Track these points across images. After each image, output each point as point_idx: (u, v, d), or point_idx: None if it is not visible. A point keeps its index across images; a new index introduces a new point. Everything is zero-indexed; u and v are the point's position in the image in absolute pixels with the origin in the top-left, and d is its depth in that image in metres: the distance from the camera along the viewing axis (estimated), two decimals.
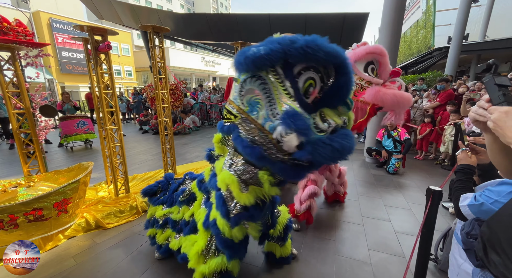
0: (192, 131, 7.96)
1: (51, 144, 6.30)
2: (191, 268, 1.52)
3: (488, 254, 0.68)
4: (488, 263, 0.68)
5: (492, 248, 0.67)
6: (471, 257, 0.84)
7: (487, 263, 0.68)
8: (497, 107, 0.66)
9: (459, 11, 8.56)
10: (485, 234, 0.71)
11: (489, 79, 0.73)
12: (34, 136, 2.62)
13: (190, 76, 25.65)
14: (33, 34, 2.79)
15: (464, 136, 1.36)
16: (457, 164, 1.33)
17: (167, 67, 4.06)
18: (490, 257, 0.67)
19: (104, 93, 2.58)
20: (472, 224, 0.92)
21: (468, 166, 1.26)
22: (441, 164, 4.43)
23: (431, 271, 1.84)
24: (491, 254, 0.67)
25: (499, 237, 0.65)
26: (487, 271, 0.72)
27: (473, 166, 1.27)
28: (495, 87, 0.70)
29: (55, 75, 16.72)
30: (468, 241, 0.89)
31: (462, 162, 1.31)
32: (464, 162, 1.29)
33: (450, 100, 4.56)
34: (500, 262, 0.64)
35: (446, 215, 2.68)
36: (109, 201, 2.75)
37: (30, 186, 2.35)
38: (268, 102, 0.96)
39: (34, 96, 2.88)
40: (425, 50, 12.63)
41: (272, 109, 0.95)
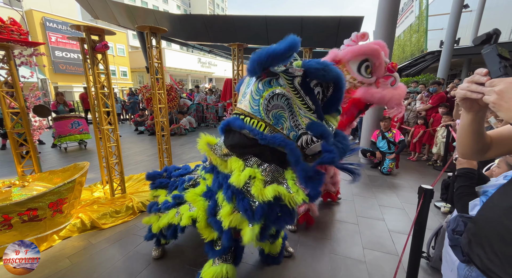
0: (188, 132, 7.94)
1: (44, 144, 6.20)
2: (189, 267, 1.52)
3: (473, 248, 0.69)
4: (473, 257, 0.69)
5: (478, 243, 0.69)
6: (457, 253, 0.85)
7: (473, 257, 0.69)
8: (503, 78, 0.59)
9: (450, 16, 8.78)
10: (471, 229, 0.73)
11: (490, 50, 0.65)
12: (28, 136, 2.60)
13: (186, 77, 25.55)
14: (27, 33, 2.77)
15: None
16: (458, 168, 1.29)
17: (164, 67, 4.05)
18: (475, 251, 0.69)
19: (100, 93, 2.57)
20: (457, 220, 0.94)
21: (470, 170, 1.23)
22: (433, 165, 4.53)
23: (423, 268, 1.88)
24: (476, 248, 0.69)
25: (484, 230, 0.67)
26: (473, 265, 0.73)
27: (475, 170, 1.24)
28: (497, 59, 0.63)
29: (48, 75, 16.46)
30: (454, 237, 0.89)
31: (463, 166, 1.26)
32: (465, 165, 1.25)
33: (442, 102, 4.68)
34: (485, 256, 0.65)
35: (438, 214, 2.75)
36: (105, 201, 2.73)
37: (24, 186, 2.32)
38: (290, 115, 1.14)
39: (28, 96, 2.86)
40: (418, 53, 12.88)
41: (295, 121, 1.14)
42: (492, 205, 0.69)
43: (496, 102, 0.58)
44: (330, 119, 1.21)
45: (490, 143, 0.79)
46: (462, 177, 1.22)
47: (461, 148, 0.83)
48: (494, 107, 0.59)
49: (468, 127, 0.75)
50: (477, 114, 0.71)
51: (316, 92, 1.16)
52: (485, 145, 0.78)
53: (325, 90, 1.19)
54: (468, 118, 0.73)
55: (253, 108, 1.15)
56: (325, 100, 1.22)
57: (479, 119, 0.72)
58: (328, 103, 1.21)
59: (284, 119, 1.14)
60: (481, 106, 0.68)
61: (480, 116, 0.71)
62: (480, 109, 0.70)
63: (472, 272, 0.75)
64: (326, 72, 1.09)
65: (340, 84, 1.16)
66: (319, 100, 1.17)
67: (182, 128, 7.64)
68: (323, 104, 1.21)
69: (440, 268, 1.84)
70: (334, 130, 1.21)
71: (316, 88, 1.15)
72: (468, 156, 0.84)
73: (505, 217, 0.62)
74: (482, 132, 0.75)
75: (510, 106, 0.55)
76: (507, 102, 0.56)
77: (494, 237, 0.64)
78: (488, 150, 0.80)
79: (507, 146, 0.78)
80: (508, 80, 0.57)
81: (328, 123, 1.20)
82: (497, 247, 0.62)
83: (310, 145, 1.13)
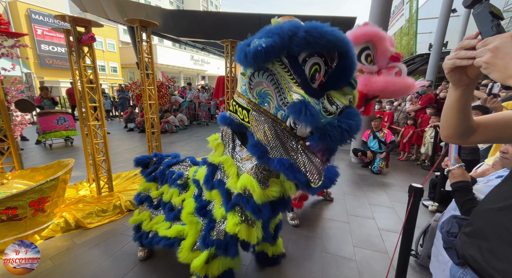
0: (179, 130, 7.81)
1: (27, 141, 5.95)
2: (177, 268, 1.47)
3: (469, 250, 0.67)
4: (469, 259, 0.66)
5: (473, 244, 0.66)
6: (452, 255, 0.83)
7: (468, 259, 0.67)
8: (497, 35, 0.54)
9: (439, 20, 9.01)
10: (466, 230, 0.70)
11: (482, 8, 0.61)
12: (8, 131, 2.47)
13: (179, 74, 25.17)
14: (8, 23, 2.63)
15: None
16: (452, 182, 1.22)
17: (155, 63, 3.96)
18: (471, 253, 0.66)
19: (87, 87, 2.47)
20: (451, 222, 0.92)
21: (466, 183, 1.18)
22: (422, 165, 4.63)
23: (411, 266, 1.91)
24: (471, 250, 0.66)
25: (481, 231, 0.65)
26: (468, 268, 0.71)
27: (469, 181, 1.20)
28: (489, 17, 0.59)
29: (33, 69, 15.83)
30: (448, 239, 0.88)
31: (459, 179, 1.20)
32: (461, 178, 1.19)
33: (430, 103, 4.78)
34: (481, 258, 0.62)
35: (426, 212, 2.80)
36: (91, 200, 2.63)
37: (3, 184, 2.20)
38: (277, 92, 1.00)
39: (10, 89, 2.71)
40: (408, 56, 13.16)
41: (282, 99, 0.99)
42: (489, 204, 0.67)
43: (489, 61, 0.52)
44: (335, 96, 0.98)
45: (475, 126, 0.76)
46: (460, 191, 1.17)
47: (446, 129, 0.79)
48: (488, 68, 0.53)
49: (455, 104, 0.71)
50: (465, 90, 0.68)
51: (312, 63, 0.95)
52: (471, 127, 0.76)
53: (329, 60, 0.98)
54: (455, 95, 0.70)
55: (242, 87, 1.11)
56: (329, 73, 1.00)
57: (467, 96, 0.69)
58: (332, 76, 0.99)
59: (270, 97, 1.02)
60: (470, 79, 0.65)
61: (468, 93, 0.69)
62: (469, 83, 0.66)
63: (467, 275, 0.73)
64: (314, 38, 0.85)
65: (346, 52, 0.93)
66: (305, 72, 0.95)
67: (172, 125, 7.50)
68: (328, 78, 0.99)
69: (427, 266, 1.87)
70: (341, 108, 0.99)
71: (311, 58, 0.94)
72: (452, 138, 0.80)
73: (504, 216, 0.60)
74: (468, 111, 0.72)
75: (507, 63, 0.49)
76: (503, 58, 0.50)
77: (492, 237, 0.62)
78: (473, 134, 0.77)
79: (493, 132, 0.76)
80: (504, 35, 0.52)
81: (332, 101, 0.98)
82: (495, 248, 0.60)
83: (295, 129, 1.02)
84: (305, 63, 0.94)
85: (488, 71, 0.53)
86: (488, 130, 0.76)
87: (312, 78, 0.97)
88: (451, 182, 1.24)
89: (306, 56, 0.94)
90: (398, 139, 5.15)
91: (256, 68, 0.99)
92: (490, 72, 0.52)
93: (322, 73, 0.98)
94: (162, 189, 1.77)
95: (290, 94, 0.97)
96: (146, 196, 1.83)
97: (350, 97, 1.01)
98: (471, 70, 0.63)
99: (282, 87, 0.99)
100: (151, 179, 1.83)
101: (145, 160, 1.89)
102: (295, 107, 0.93)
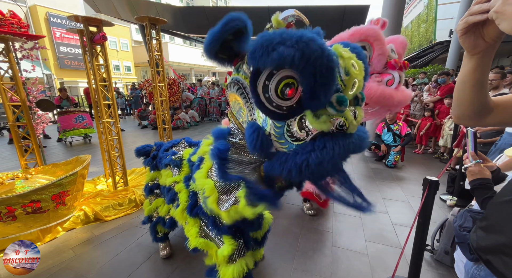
0: (191, 126, 7.94)
1: (50, 138, 6.30)
2: (190, 259, 1.49)
3: (483, 244, 0.63)
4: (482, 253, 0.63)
5: (489, 239, 0.62)
6: (465, 250, 0.80)
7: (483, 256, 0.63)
8: None
9: (461, 4, 8.44)
10: (481, 225, 0.67)
11: None
12: (30, 129, 2.61)
13: (190, 71, 25.46)
14: (28, 26, 2.76)
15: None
16: (471, 180, 1.14)
17: (165, 61, 4.02)
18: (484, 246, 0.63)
19: (100, 85, 2.56)
20: (464, 215, 0.88)
21: (485, 181, 1.09)
22: (440, 158, 4.43)
23: (427, 261, 1.85)
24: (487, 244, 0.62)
25: (498, 225, 0.61)
26: (482, 264, 0.68)
27: (489, 179, 1.10)
28: None
29: (54, 70, 16.59)
30: (461, 234, 0.84)
31: (477, 176, 1.12)
32: (480, 176, 1.11)
33: (450, 93, 4.53)
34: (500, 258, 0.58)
35: (444, 207, 2.69)
36: (108, 194, 2.75)
37: (27, 179, 2.35)
38: (247, 107, 0.89)
39: (31, 90, 2.87)
40: (426, 44, 12.52)
41: (252, 114, 0.88)
42: (505, 196, 0.62)
43: (499, 10, 0.47)
44: (308, 118, 0.76)
45: (492, 106, 0.69)
46: (479, 189, 1.09)
47: (458, 108, 0.70)
48: (498, 18, 0.48)
49: (469, 76, 0.63)
50: (481, 59, 0.60)
51: (281, 77, 0.74)
52: (486, 106, 0.67)
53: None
54: (470, 65, 0.62)
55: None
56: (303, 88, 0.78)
57: (484, 66, 0.62)
58: (305, 93, 0.75)
59: (242, 111, 0.92)
60: (487, 43, 0.57)
61: (485, 62, 0.61)
62: (486, 50, 0.59)
63: (481, 271, 0.70)
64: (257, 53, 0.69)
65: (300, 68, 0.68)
66: (257, 90, 0.78)
67: (184, 121, 7.64)
68: (302, 94, 0.75)
69: (444, 262, 1.81)
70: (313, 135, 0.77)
71: (279, 71, 0.74)
72: (465, 118, 0.71)
73: None
74: (485, 85, 0.64)
75: None
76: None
77: (509, 231, 0.57)
78: (488, 114, 0.69)
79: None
80: None
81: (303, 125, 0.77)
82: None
83: None
84: (272, 76, 0.75)
85: (498, 22, 0.48)
86: (505, 112, 0.69)
87: (281, 94, 0.76)
88: (469, 180, 1.15)
89: (273, 68, 0.74)
90: (414, 131, 4.94)
91: (231, 79, 0.90)
92: (499, 22, 0.47)
93: (301, 88, 0.75)
94: (162, 174, 1.71)
95: (258, 110, 0.84)
96: (156, 185, 1.81)
97: (340, 120, 0.75)
98: (488, 31, 0.55)
99: (252, 102, 0.86)
100: (153, 167, 1.80)
101: (145, 149, 1.86)
102: (246, 129, 0.84)
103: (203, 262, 1.34)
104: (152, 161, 1.79)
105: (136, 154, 1.87)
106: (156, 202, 1.81)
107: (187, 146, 1.72)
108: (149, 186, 1.83)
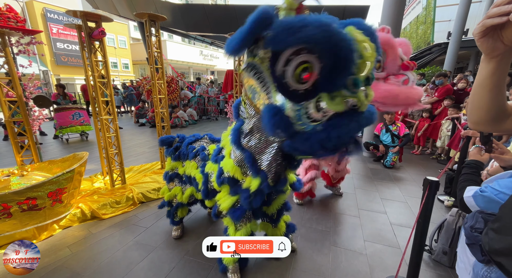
0: (189, 125, 7.90)
1: (46, 135, 6.21)
2: (188, 257, 1.49)
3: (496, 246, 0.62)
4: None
5: (504, 238, 0.61)
6: (475, 252, 0.78)
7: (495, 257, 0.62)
8: None
9: (459, 7, 8.51)
10: (494, 226, 0.66)
11: None
12: (26, 125, 2.57)
13: (188, 70, 25.33)
14: (24, 21, 2.71)
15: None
16: (468, 160, 1.30)
17: (165, 58, 3.98)
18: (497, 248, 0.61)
19: (98, 82, 2.53)
20: (476, 217, 0.86)
21: (476, 162, 1.24)
22: (438, 159, 4.46)
23: (425, 262, 1.86)
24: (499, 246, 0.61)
25: (510, 222, 0.61)
26: (493, 266, 0.68)
27: (481, 162, 1.24)
28: None
29: (50, 66, 16.40)
30: (472, 235, 0.82)
31: (472, 158, 1.28)
32: (474, 158, 1.27)
33: (448, 95, 4.56)
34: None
35: (441, 207, 2.71)
36: (105, 192, 2.72)
37: (23, 176, 2.31)
38: (264, 90, 0.96)
39: (27, 85, 2.82)
40: (424, 46, 12.60)
41: (270, 97, 0.95)
42: None
43: None
44: (325, 100, 0.81)
45: (510, 111, 0.67)
46: (466, 167, 1.24)
47: (475, 112, 0.68)
48: None
49: (487, 81, 0.61)
50: (500, 63, 0.59)
51: (298, 62, 0.79)
52: (504, 111, 0.66)
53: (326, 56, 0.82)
54: (488, 69, 0.60)
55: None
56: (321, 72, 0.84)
57: (502, 70, 0.60)
58: (323, 76, 0.80)
59: (258, 94, 0.99)
60: (506, 46, 0.56)
61: (503, 66, 0.60)
62: (504, 53, 0.57)
63: (492, 273, 0.69)
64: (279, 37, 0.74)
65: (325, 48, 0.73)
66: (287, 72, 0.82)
67: (182, 120, 7.59)
68: (319, 78, 0.81)
69: (442, 262, 1.82)
70: (328, 116, 0.84)
71: (297, 57, 0.78)
72: (482, 124, 0.70)
73: None
74: (502, 90, 0.63)
75: None
76: None
77: None
78: (507, 119, 0.67)
79: None
80: None
81: (319, 106, 0.83)
82: None
83: None
84: (289, 61, 0.80)
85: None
86: None
87: (298, 78, 0.82)
88: (467, 160, 1.33)
89: (292, 53, 0.79)
90: (412, 132, 4.97)
91: (247, 64, 0.98)
92: None
93: (317, 71, 0.80)
94: (186, 166, 1.89)
95: (275, 94, 0.91)
96: (175, 174, 1.98)
97: (353, 101, 0.82)
98: (507, 34, 0.54)
99: (269, 85, 0.93)
100: (176, 158, 1.95)
101: (168, 139, 2.01)
102: (263, 112, 0.94)
103: (200, 262, 1.34)
104: (174, 152, 1.96)
105: (159, 143, 2.02)
106: (175, 189, 2.00)
107: (210, 142, 1.90)
108: (169, 175, 2.02)
